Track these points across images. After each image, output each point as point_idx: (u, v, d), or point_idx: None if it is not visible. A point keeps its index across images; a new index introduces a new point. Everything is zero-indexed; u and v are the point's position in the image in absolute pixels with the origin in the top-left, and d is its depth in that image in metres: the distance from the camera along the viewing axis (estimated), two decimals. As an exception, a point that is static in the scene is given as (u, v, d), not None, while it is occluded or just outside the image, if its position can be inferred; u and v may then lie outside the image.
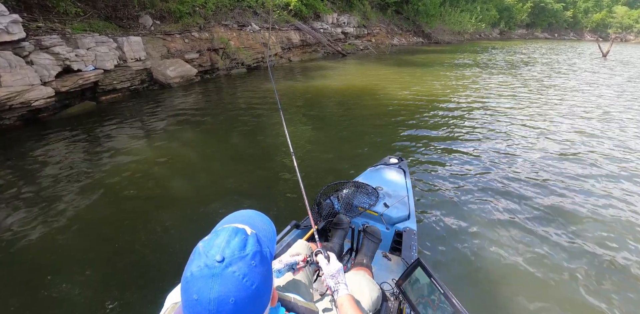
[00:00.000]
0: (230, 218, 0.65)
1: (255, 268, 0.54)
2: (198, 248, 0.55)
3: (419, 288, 1.07)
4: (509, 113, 6.11)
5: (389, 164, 2.58)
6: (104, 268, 2.22)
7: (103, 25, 7.67)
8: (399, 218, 1.90)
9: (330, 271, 1.00)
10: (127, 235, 2.55)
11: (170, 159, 3.87)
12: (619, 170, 3.76)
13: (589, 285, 2.13)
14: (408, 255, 1.65)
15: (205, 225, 0.70)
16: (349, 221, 1.78)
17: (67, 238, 2.50)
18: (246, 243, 0.55)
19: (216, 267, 0.51)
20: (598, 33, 53.58)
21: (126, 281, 2.10)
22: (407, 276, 1.13)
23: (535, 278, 2.18)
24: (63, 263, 2.26)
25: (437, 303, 0.99)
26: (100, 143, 4.30)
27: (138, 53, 7.47)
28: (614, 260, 2.38)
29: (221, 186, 3.28)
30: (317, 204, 1.91)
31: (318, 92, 7.63)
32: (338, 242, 1.67)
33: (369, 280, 1.32)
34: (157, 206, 2.93)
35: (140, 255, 2.33)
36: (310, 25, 15.25)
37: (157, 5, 8.96)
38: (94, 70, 6.25)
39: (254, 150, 4.19)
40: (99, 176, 3.42)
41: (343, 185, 2.08)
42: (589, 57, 18.68)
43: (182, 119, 5.42)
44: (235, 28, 10.75)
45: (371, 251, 1.66)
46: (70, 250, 2.39)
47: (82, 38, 6.43)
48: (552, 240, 2.56)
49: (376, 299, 1.26)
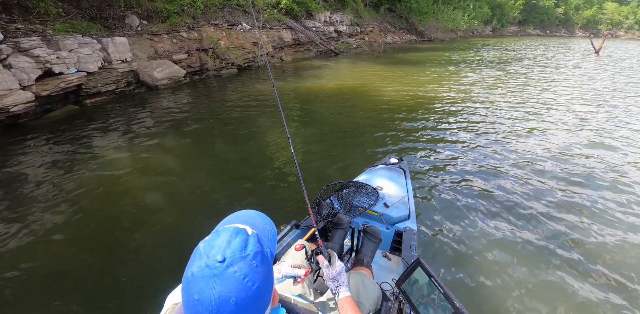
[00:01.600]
0: (230, 218, 0.64)
1: (257, 268, 0.54)
2: (199, 248, 0.55)
3: (419, 288, 1.07)
4: (507, 111, 6.08)
5: (389, 164, 2.59)
6: (75, 288, 2.06)
7: (87, 25, 7.42)
8: (399, 218, 1.91)
9: (331, 274, 1.00)
10: (105, 254, 2.39)
11: (156, 167, 3.70)
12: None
13: (590, 285, 2.12)
14: (408, 254, 1.66)
15: (200, 233, 0.68)
16: (349, 221, 1.77)
17: (36, 254, 2.33)
18: (247, 243, 0.55)
19: (217, 267, 0.51)
20: (589, 29, 54.01)
21: (95, 304, 1.94)
22: (407, 276, 1.12)
23: (536, 278, 2.18)
24: (34, 279, 2.09)
25: (437, 302, 0.99)
26: (80, 151, 4.10)
27: (124, 54, 7.25)
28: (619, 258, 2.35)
29: (211, 194, 3.13)
30: (317, 204, 1.91)
31: (311, 93, 7.48)
32: (338, 242, 1.68)
33: (369, 280, 1.33)
34: (139, 221, 2.76)
35: (119, 274, 2.17)
36: (303, 23, 15.06)
37: (143, 4, 8.72)
38: (76, 73, 6.02)
39: (247, 153, 4.05)
40: (77, 187, 3.24)
41: (343, 185, 2.09)
42: (581, 53, 18.75)
43: (170, 123, 5.24)
44: (225, 27, 10.53)
45: (371, 251, 1.65)
46: (41, 267, 2.22)
47: (63, 39, 6.19)
48: (553, 240, 2.55)
49: (376, 299, 1.28)
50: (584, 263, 2.32)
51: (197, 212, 2.86)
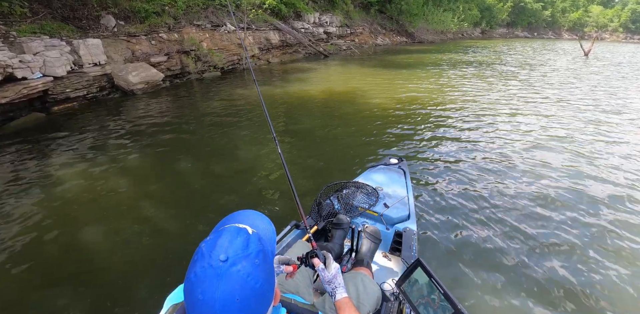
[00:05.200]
0: (229, 219, 0.64)
1: (259, 266, 0.54)
2: (201, 249, 0.55)
3: (419, 288, 1.07)
4: (499, 111, 6.13)
5: (389, 164, 2.60)
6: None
7: (57, 26, 6.96)
8: (399, 218, 1.91)
9: (327, 277, 1.00)
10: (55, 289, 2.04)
11: (125, 184, 3.33)
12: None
13: (593, 287, 2.13)
14: (408, 255, 1.66)
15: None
16: (349, 221, 1.77)
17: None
18: (249, 242, 0.55)
19: (220, 267, 0.51)
20: (575, 32, 55.00)
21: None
22: (407, 276, 1.12)
23: (537, 278, 2.18)
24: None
25: (437, 302, 0.98)
26: (31, 168, 3.69)
27: (97, 57, 6.82)
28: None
29: (183, 218, 2.78)
30: (317, 204, 1.92)
31: (298, 97, 7.16)
32: (338, 242, 1.67)
33: (369, 280, 1.33)
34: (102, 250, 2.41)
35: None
36: (291, 24, 14.73)
37: (120, 4, 8.28)
38: (41, 78, 5.59)
39: (228, 164, 3.71)
40: (28, 211, 2.86)
41: (343, 185, 2.09)
42: (571, 56, 18.91)
43: (143, 133, 4.86)
44: (209, 28, 10.13)
45: (371, 251, 1.64)
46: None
47: (28, 42, 5.75)
48: (553, 240, 2.57)
49: (376, 299, 1.28)
50: (584, 263, 2.34)
51: (175, 234, 2.52)
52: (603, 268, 2.29)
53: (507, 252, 2.41)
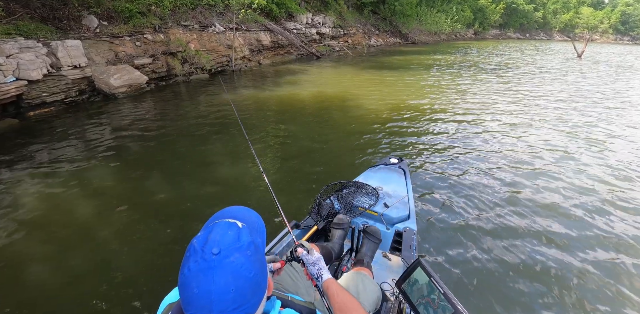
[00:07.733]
0: (219, 215, 0.65)
1: (251, 257, 0.55)
2: (193, 245, 0.55)
3: (419, 288, 1.05)
4: (499, 111, 6.12)
5: (388, 164, 2.58)
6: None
7: (35, 27, 6.65)
8: (399, 218, 1.90)
9: (311, 259, 1.00)
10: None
11: (87, 207, 3.08)
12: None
13: (593, 287, 2.11)
14: (408, 255, 1.66)
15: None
16: (349, 221, 1.75)
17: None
18: (240, 235, 0.56)
19: (213, 259, 0.52)
20: (566, 33, 55.58)
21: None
22: (407, 276, 1.11)
23: (536, 278, 2.16)
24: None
25: (437, 302, 0.96)
26: (4, 182, 3.43)
27: (77, 59, 6.52)
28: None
29: (158, 240, 2.54)
30: (317, 204, 1.91)
31: (289, 101, 6.93)
32: (338, 242, 1.65)
33: (369, 280, 1.32)
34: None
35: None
36: (283, 25, 14.50)
37: (103, 3, 7.97)
38: (14, 82, 5.29)
39: (211, 176, 3.46)
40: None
41: (343, 185, 2.08)
42: (564, 57, 19.01)
43: (119, 141, 4.59)
44: (197, 29, 9.84)
45: (371, 251, 1.63)
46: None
47: (1, 43, 5.45)
48: (553, 240, 2.55)
49: (376, 299, 1.28)
50: (585, 263, 2.33)
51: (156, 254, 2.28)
52: (612, 267, 2.26)
53: (510, 252, 2.40)
